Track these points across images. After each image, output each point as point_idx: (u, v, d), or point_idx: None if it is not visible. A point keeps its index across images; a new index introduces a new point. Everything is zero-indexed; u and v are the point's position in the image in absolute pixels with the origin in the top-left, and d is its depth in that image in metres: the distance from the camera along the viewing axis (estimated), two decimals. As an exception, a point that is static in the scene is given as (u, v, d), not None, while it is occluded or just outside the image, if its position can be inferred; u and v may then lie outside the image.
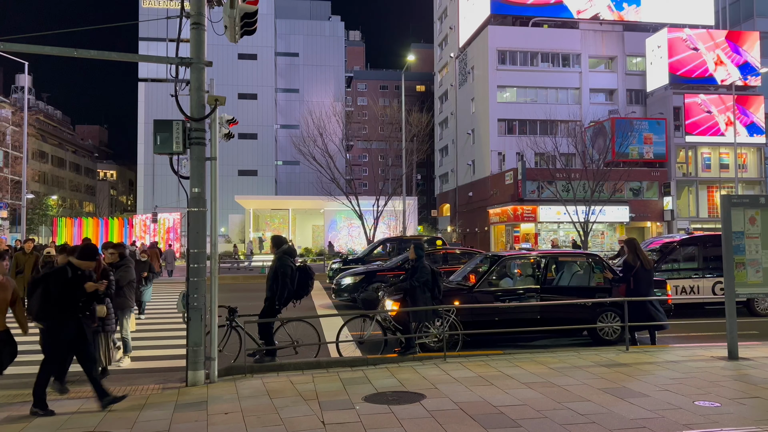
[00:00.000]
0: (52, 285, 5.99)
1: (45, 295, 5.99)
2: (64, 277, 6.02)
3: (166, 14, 51.20)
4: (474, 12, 46.88)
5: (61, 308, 6.00)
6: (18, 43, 7.00)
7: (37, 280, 6.19)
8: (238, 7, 7.45)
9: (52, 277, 6.05)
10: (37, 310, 6.03)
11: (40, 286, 6.04)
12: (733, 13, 49.73)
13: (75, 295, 6.09)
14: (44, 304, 5.99)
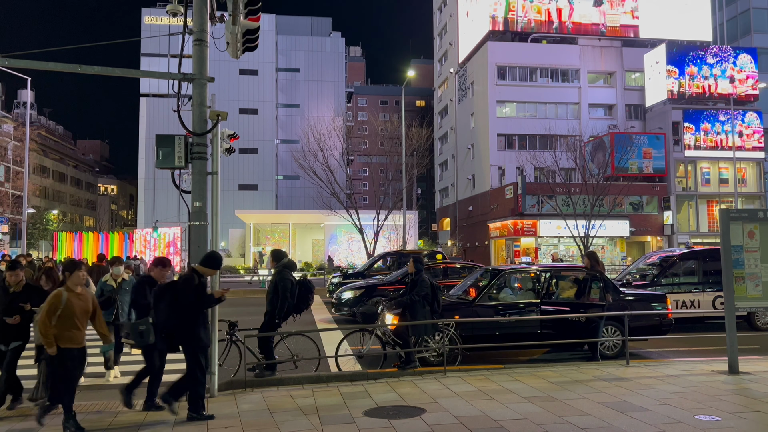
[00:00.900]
0: (180, 293, 6.14)
1: (173, 303, 6.14)
2: (192, 284, 6.15)
3: (168, 31, 51.63)
4: (473, 28, 47.26)
5: (191, 315, 6.15)
6: (21, 59, 7.09)
7: (164, 289, 6.34)
8: (240, 24, 7.55)
9: (180, 284, 6.20)
10: (166, 318, 6.18)
11: (168, 295, 6.21)
12: (731, 29, 50.14)
13: (202, 301, 6.23)
14: (173, 312, 6.14)
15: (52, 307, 5.64)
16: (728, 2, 50.59)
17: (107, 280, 8.49)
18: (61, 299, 5.67)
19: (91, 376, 8.46)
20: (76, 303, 5.73)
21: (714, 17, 49.61)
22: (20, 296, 6.59)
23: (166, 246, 38.81)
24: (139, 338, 6.28)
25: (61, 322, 5.63)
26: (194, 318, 6.17)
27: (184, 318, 6.12)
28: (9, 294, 6.62)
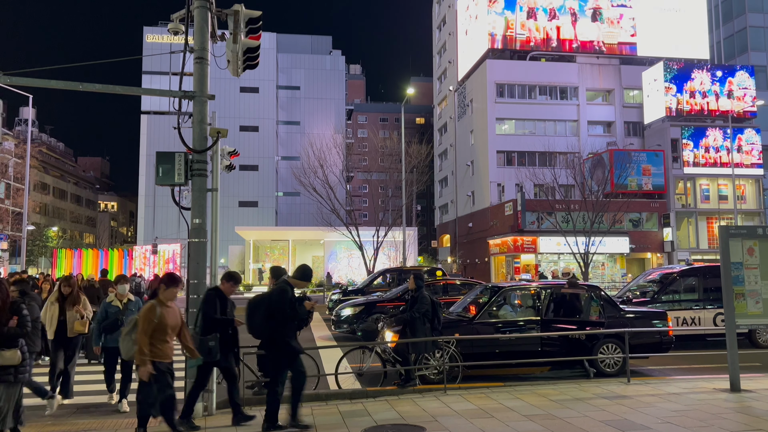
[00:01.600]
0: (275, 305, 6.21)
1: (268, 315, 6.21)
2: (287, 296, 6.25)
3: (170, 49, 52.04)
4: (472, 46, 47.64)
5: (285, 327, 6.23)
6: (24, 77, 7.14)
7: (259, 301, 6.43)
8: (241, 42, 7.62)
9: (275, 296, 6.27)
10: (260, 330, 6.29)
11: (263, 306, 6.29)
12: (728, 47, 50.57)
13: (297, 313, 6.28)
14: (267, 324, 6.22)
15: (149, 322, 5.48)
16: (725, 21, 51.09)
17: (112, 300, 7.93)
18: (156, 313, 5.53)
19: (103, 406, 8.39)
20: (169, 316, 5.63)
21: (711, 35, 50.04)
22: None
23: (165, 262, 38.76)
24: (207, 354, 6.26)
25: (154, 336, 5.52)
26: (288, 330, 6.29)
27: (278, 330, 6.23)
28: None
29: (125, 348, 5.77)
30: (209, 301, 6.54)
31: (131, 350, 5.67)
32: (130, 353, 5.71)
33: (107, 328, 7.62)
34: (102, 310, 7.81)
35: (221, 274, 7.04)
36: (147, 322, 5.45)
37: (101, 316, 7.73)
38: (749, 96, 41.76)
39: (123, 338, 5.83)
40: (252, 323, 6.36)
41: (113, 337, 7.45)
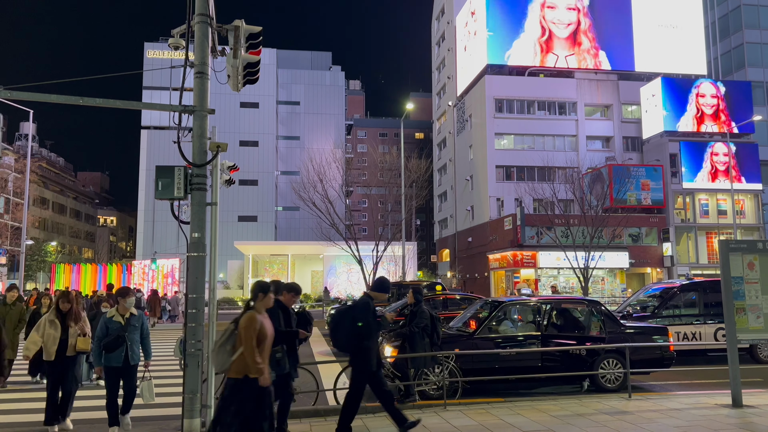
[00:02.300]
0: (359, 317, 6.33)
1: (353, 327, 6.32)
2: (370, 308, 6.39)
3: (170, 64, 52.36)
4: (471, 62, 47.95)
5: (367, 339, 6.29)
6: (24, 91, 7.16)
7: (343, 313, 6.58)
8: (241, 58, 7.66)
9: (358, 309, 6.44)
10: (345, 341, 6.43)
11: (348, 319, 6.42)
12: (725, 63, 50.93)
13: (378, 325, 6.45)
14: (351, 336, 6.33)
15: (254, 331, 5.14)
16: (722, 37, 51.50)
17: (113, 315, 7.19)
18: (258, 322, 5.21)
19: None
20: (267, 326, 5.34)
21: (708, 51, 50.45)
22: None
23: (164, 277, 38.68)
24: (276, 366, 6.15)
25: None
26: (372, 341, 6.43)
27: (362, 341, 6.35)
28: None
29: (220, 361, 5.25)
30: (272, 313, 6.51)
31: (226, 363, 5.19)
32: (225, 366, 5.22)
33: (109, 346, 6.98)
34: (102, 327, 7.10)
35: (220, 288, 7.01)
36: (252, 332, 5.12)
37: (101, 333, 7.05)
38: (746, 111, 41.94)
39: (217, 350, 5.27)
40: (337, 336, 6.56)
41: (115, 355, 6.97)
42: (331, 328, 6.63)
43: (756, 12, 49.43)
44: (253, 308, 5.31)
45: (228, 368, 5.11)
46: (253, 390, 5.01)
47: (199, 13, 7.33)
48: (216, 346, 5.25)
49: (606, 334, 9.83)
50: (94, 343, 7.17)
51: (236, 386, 5.04)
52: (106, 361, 7.00)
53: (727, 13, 50.89)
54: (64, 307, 7.53)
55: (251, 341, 5.05)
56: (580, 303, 10.99)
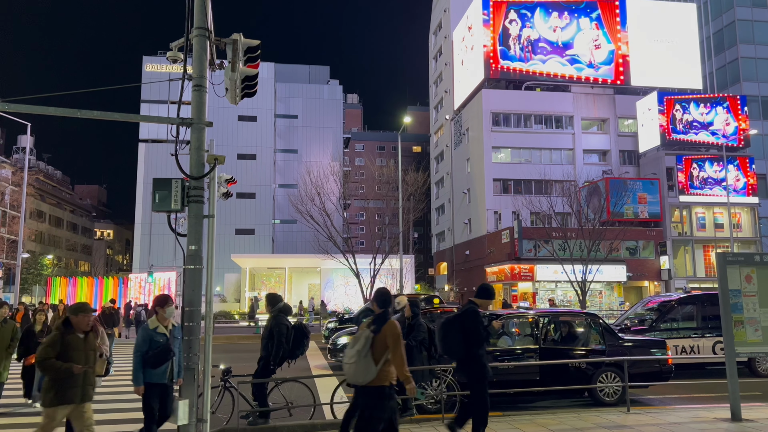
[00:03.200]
0: (470, 324, 6.44)
1: (464, 335, 6.44)
2: (479, 316, 6.51)
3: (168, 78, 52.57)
4: (468, 76, 48.23)
5: (478, 346, 6.47)
6: (22, 104, 7.17)
7: (452, 321, 6.67)
8: (240, 71, 7.68)
9: (469, 317, 6.52)
10: (456, 349, 6.52)
11: (456, 327, 6.50)
12: (720, 77, 51.30)
13: (488, 333, 6.59)
14: (462, 344, 6.43)
15: (400, 338, 5.12)
16: (717, 52, 51.92)
17: (156, 326, 6.58)
18: (399, 329, 5.19)
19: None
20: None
21: (704, 66, 50.84)
22: None
23: (160, 290, 38.53)
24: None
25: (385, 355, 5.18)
26: (482, 349, 6.55)
27: (472, 350, 6.47)
28: None
29: (362, 370, 5.02)
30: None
31: (370, 373, 5.00)
32: (371, 375, 5.01)
33: (155, 360, 6.34)
34: (144, 339, 6.44)
35: (217, 302, 6.97)
36: (399, 338, 5.12)
37: (143, 347, 6.39)
38: (743, 124, 42.21)
39: (359, 360, 5.04)
40: (446, 343, 6.66)
41: (161, 371, 6.38)
42: (440, 336, 6.74)
43: (750, 27, 49.89)
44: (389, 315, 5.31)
45: (371, 379, 5.01)
46: (393, 397, 5.09)
47: (197, 27, 7.37)
48: (357, 355, 5.07)
49: (605, 347, 9.80)
50: (136, 357, 6.46)
51: (385, 393, 5.04)
52: (148, 377, 6.36)
53: (722, 28, 51.34)
54: (90, 319, 7.00)
55: (401, 348, 5.07)
56: (578, 316, 10.97)
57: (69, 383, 5.65)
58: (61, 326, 5.82)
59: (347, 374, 5.14)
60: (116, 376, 13.14)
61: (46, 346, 5.66)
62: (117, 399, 10.40)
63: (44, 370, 5.62)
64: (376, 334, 5.06)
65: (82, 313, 5.88)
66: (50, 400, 5.59)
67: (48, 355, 5.61)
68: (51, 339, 5.72)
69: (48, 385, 5.64)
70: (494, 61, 44.55)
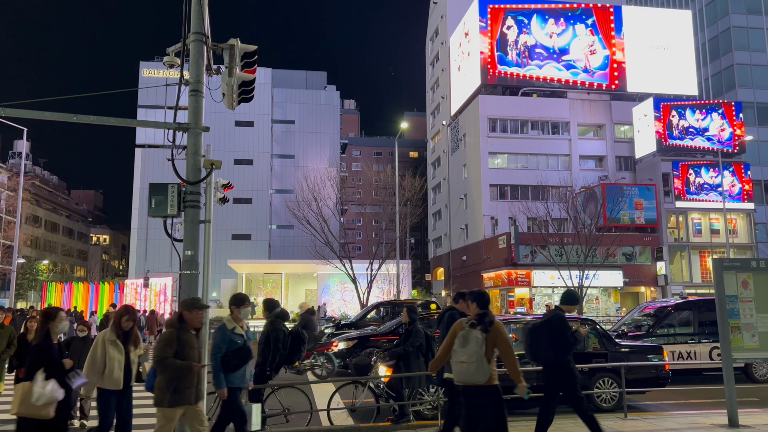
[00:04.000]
0: (558, 330, 6.57)
1: (552, 340, 6.56)
2: (566, 322, 6.68)
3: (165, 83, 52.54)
4: (465, 82, 48.34)
5: (566, 352, 6.62)
6: (18, 108, 7.15)
7: (539, 327, 6.75)
8: (236, 76, 7.69)
9: (556, 323, 6.65)
10: (544, 355, 6.64)
11: (544, 332, 6.62)
12: (716, 84, 51.55)
13: (575, 338, 6.70)
14: (550, 350, 6.56)
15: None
16: (712, 58, 52.19)
17: (233, 327, 6.29)
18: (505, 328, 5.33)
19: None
20: None
21: (699, 72, 51.07)
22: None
23: (156, 295, 38.41)
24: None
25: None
26: (569, 355, 6.66)
27: (561, 356, 6.58)
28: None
29: (481, 370, 5.05)
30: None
31: (486, 373, 5.08)
32: (486, 376, 5.09)
33: (237, 362, 6.05)
34: (224, 339, 6.16)
35: (213, 307, 6.93)
36: (509, 339, 5.33)
37: (223, 347, 6.09)
38: (738, 131, 42.38)
39: (478, 360, 5.06)
40: (534, 349, 6.80)
41: (241, 374, 6.12)
42: (528, 343, 6.87)
43: (745, 34, 50.19)
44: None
45: (484, 380, 5.12)
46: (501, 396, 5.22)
47: (194, 32, 7.37)
48: (477, 355, 5.11)
49: (602, 353, 9.78)
50: (216, 359, 6.14)
51: (500, 392, 5.21)
52: (230, 381, 6.09)
53: (717, 35, 51.64)
54: (126, 325, 6.23)
55: (512, 348, 5.28)
56: (575, 322, 10.95)
57: (187, 382, 5.43)
58: (176, 323, 5.59)
59: (461, 374, 5.16)
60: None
61: (163, 345, 5.43)
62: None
63: (164, 369, 5.38)
64: (486, 334, 5.15)
65: (196, 309, 5.68)
66: (169, 400, 5.37)
67: (167, 353, 5.37)
68: (168, 337, 5.49)
69: (164, 384, 5.39)
70: (491, 67, 44.69)
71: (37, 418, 5.07)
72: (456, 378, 5.23)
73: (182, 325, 5.59)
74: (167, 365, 5.37)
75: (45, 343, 5.53)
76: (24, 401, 5.10)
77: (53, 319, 5.57)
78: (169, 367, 5.38)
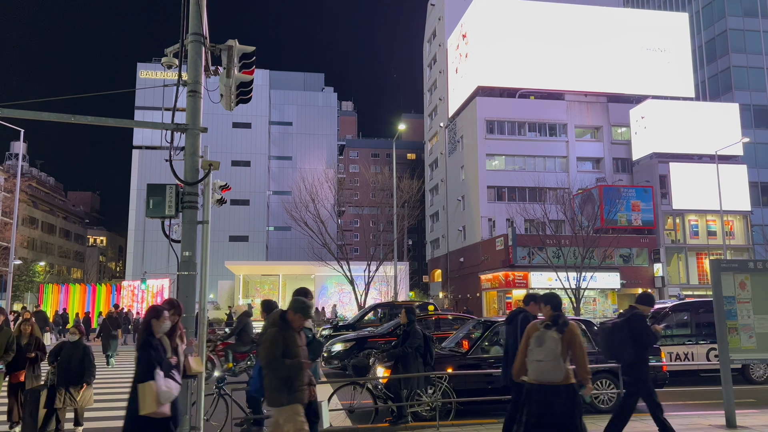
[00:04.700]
0: (638, 330, 6.76)
1: (633, 339, 6.73)
2: (645, 321, 6.88)
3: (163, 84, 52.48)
4: (462, 84, 48.40)
5: (645, 350, 6.83)
6: (15, 109, 7.13)
7: (619, 326, 6.95)
8: (234, 77, 7.69)
9: (636, 322, 6.81)
10: (623, 353, 6.81)
11: (623, 332, 6.80)
12: (713, 86, 51.70)
13: (655, 336, 6.92)
14: (632, 348, 6.72)
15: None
16: (709, 61, 52.35)
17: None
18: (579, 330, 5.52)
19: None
20: None
21: (696, 75, 51.20)
22: None
23: (153, 297, 38.34)
24: None
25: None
26: (647, 353, 6.90)
27: (641, 353, 6.76)
28: None
29: (558, 369, 5.23)
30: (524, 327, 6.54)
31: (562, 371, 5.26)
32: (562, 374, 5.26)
33: (311, 356, 6.02)
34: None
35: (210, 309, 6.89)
36: (582, 340, 5.50)
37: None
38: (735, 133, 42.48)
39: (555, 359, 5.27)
40: (615, 348, 6.98)
41: (312, 370, 6.03)
42: (608, 342, 7.08)
43: (742, 36, 50.36)
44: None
45: (566, 375, 5.29)
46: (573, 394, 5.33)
47: (192, 33, 7.36)
48: (553, 354, 5.30)
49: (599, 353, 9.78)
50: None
51: (572, 391, 5.30)
52: None
53: (714, 38, 51.80)
54: (172, 319, 6.04)
55: (584, 349, 5.42)
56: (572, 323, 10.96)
57: (299, 382, 5.30)
58: (279, 321, 5.45)
59: (537, 372, 5.32)
60: (117, 376, 13.03)
61: (270, 345, 5.27)
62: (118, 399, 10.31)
63: (275, 370, 5.20)
64: (562, 335, 5.31)
65: (300, 314, 5.49)
66: (287, 399, 5.21)
67: (276, 353, 5.23)
68: (273, 337, 5.32)
69: (278, 385, 5.22)
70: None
71: (157, 417, 4.96)
72: (531, 376, 5.38)
73: (284, 324, 5.44)
74: (278, 365, 5.22)
75: (155, 341, 5.42)
76: (149, 400, 5.00)
77: (158, 317, 5.42)
78: (281, 368, 5.22)
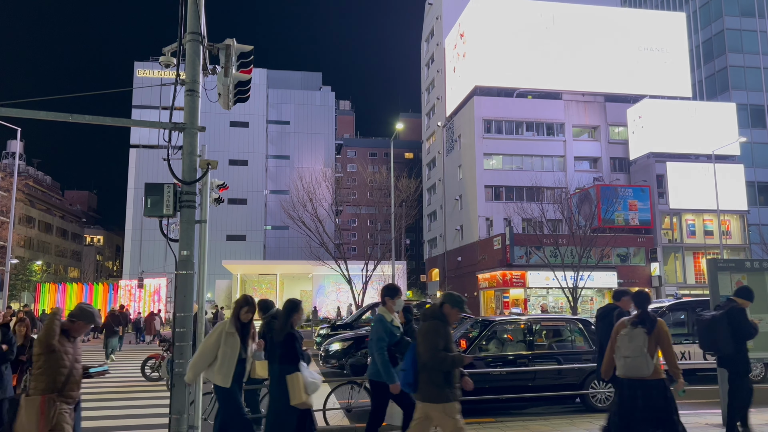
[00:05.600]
0: (738, 322, 6.77)
1: (733, 331, 6.81)
2: (745, 314, 6.87)
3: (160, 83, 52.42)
4: (460, 83, 48.42)
5: (744, 342, 6.86)
6: (12, 107, 7.11)
7: (718, 319, 6.95)
8: (232, 76, 7.68)
9: (735, 315, 6.82)
10: (726, 345, 6.86)
11: (723, 324, 6.86)
12: (710, 86, 51.81)
13: (755, 329, 6.90)
14: (731, 341, 6.82)
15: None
16: (706, 60, 52.46)
17: (392, 319, 6.08)
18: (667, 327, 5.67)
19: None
20: None
21: (693, 74, 51.33)
22: None
23: (150, 296, 38.32)
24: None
25: None
26: (746, 345, 6.92)
27: (740, 345, 6.85)
28: None
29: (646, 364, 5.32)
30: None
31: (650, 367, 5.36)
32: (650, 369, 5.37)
33: (400, 356, 5.77)
34: (385, 331, 5.85)
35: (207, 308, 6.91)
36: (670, 337, 5.58)
37: (385, 339, 5.80)
38: (732, 133, 42.60)
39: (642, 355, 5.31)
40: (714, 340, 7.04)
41: (397, 368, 5.80)
42: (707, 334, 7.15)
43: (739, 36, 50.48)
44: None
45: (654, 370, 5.39)
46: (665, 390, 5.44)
47: (190, 32, 7.35)
48: (640, 350, 5.40)
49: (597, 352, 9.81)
50: (381, 353, 5.87)
51: (663, 386, 5.43)
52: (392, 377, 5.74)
53: (711, 37, 51.91)
54: (245, 317, 5.94)
55: (672, 346, 5.56)
56: (571, 322, 10.99)
57: (455, 378, 5.08)
58: (440, 314, 5.23)
59: (625, 368, 5.45)
60: (118, 375, 13.01)
61: (435, 336, 5.03)
62: (117, 398, 10.30)
63: (440, 363, 4.97)
64: (650, 333, 5.42)
65: (457, 308, 5.26)
66: (451, 395, 5.00)
67: (440, 345, 5.00)
68: (436, 328, 5.10)
69: (441, 380, 4.99)
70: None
71: (303, 408, 5.22)
72: (620, 372, 5.51)
73: (444, 317, 5.25)
74: (443, 358, 4.99)
75: (298, 333, 5.57)
76: (298, 391, 5.20)
77: (297, 311, 5.72)
78: (446, 361, 4.98)
